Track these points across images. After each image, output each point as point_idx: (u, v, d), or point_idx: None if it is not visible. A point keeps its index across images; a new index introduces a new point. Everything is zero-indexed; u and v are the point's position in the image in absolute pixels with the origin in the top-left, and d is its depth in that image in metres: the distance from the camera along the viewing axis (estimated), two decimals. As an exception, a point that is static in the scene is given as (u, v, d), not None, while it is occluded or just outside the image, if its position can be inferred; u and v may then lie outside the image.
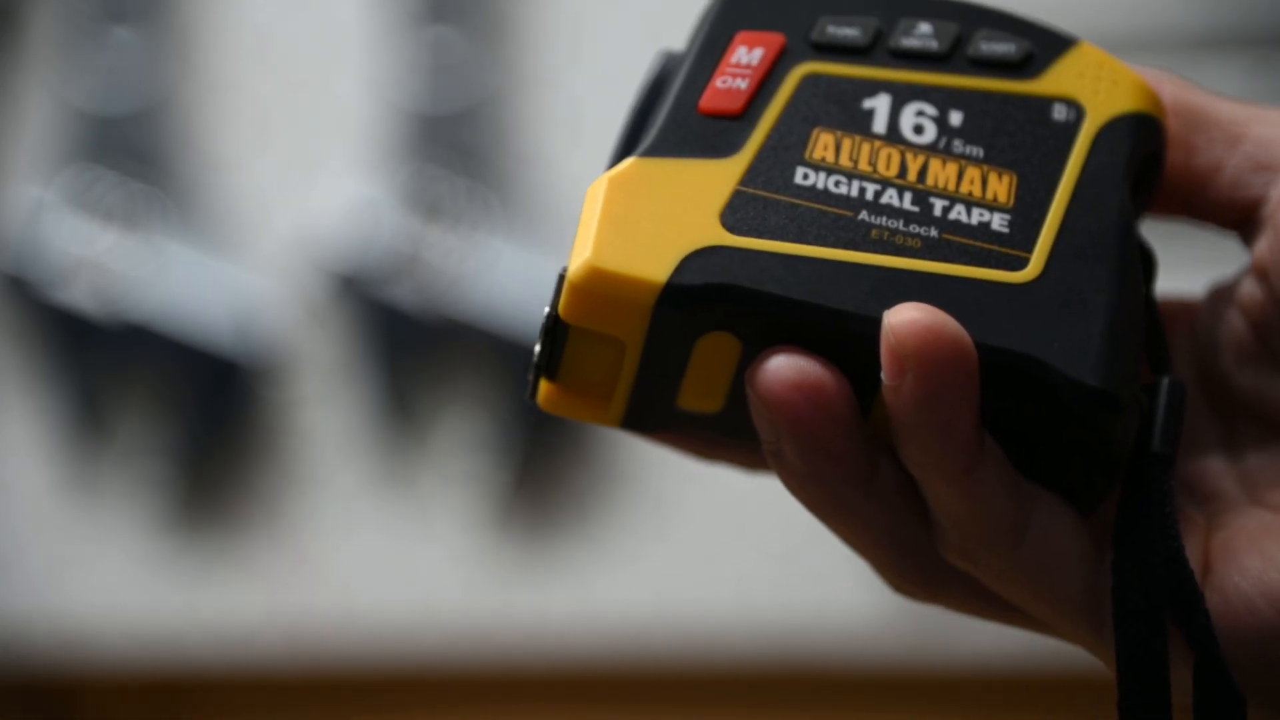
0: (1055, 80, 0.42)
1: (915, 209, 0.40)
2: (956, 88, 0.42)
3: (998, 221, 0.41)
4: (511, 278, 1.08)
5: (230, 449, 1.11)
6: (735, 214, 0.40)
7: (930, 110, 0.42)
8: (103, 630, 1.11)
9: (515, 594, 1.10)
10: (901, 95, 0.42)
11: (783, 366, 0.38)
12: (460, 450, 1.11)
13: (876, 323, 0.38)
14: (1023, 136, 0.41)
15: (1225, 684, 0.38)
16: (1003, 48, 0.42)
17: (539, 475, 1.10)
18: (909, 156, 0.41)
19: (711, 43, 0.42)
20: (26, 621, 1.11)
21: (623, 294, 0.39)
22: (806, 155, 0.41)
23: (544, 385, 0.41)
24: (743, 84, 0.41)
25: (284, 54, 1.14)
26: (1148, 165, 0.43)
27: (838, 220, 0.40)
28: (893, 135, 0.41)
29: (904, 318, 0.37)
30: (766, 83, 0.41)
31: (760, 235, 0.39)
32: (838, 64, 0.42)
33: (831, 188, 0.40)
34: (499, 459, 1.09)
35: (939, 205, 0.41)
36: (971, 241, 0.40)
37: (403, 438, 1.10)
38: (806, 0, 0.42)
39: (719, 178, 0.40)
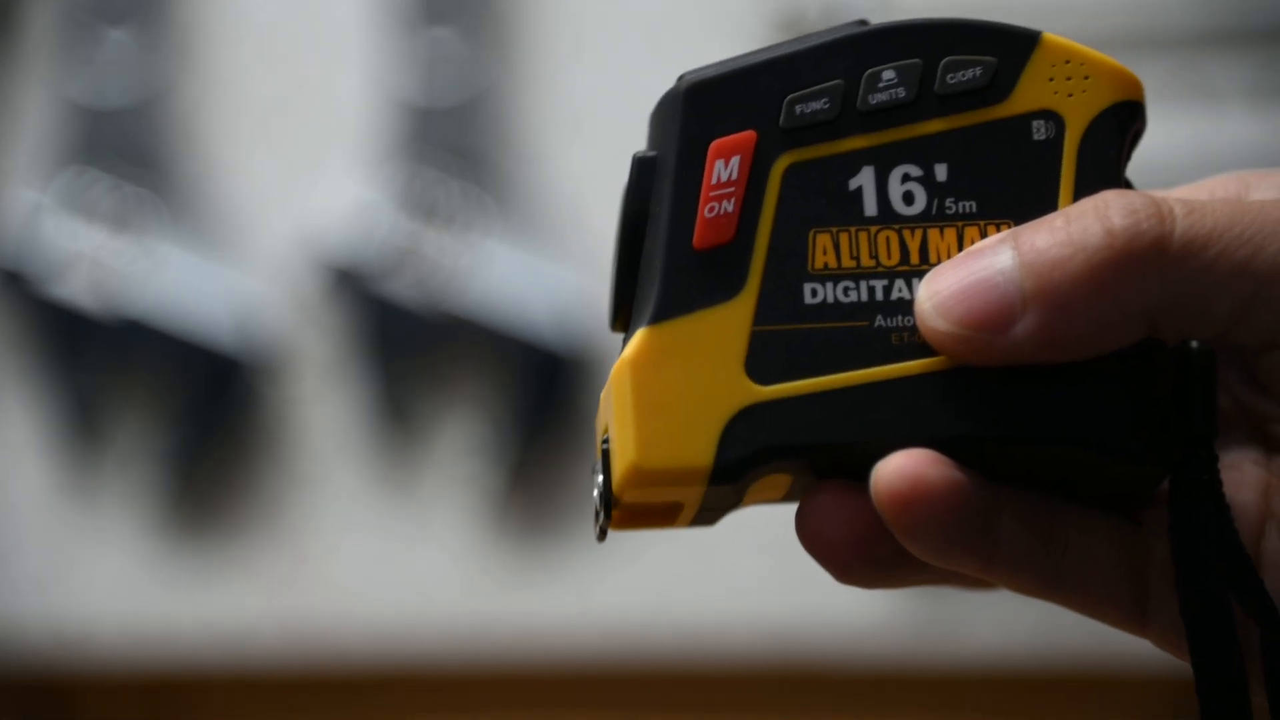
0: (1026, 93, 0.42)
1: None
2: (934, 134, 0.41)
3: None
4: (512, 277, 1.08)
5: (227, 448, 1.11)
6: (758, 361, 0.40)
7: (914, 171, 0.41)
8: (101, 630, 1.11)
9: (514, 594, 1.10)
10: (883, 162, 0.41)
11: (828, 512, 0.41)
12: (458, 450, 1.11)
13: (913, 440, 0.39)
14: (1009, 170, 0.41)
15: None
16: (968, 75, 0.41)
17: (537, 475, 1.10)
18: (907, 236, 0.41)
19: (686, 162, 0.41)
20: (25, 622, 1.11)
21: (673, 481, 0.40)
22: (809, 267, 0.41)
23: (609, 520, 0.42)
24: (729, 205, 0.41)
25: (283, 54, 1.13)
26: (1132, 145, 0.43)
27: (857, 334, 0.40)
28: (885, 214, 0.41)
29: (886, 475, 0.39)
30: (750, 193, 0.41)
31: (788, 378, 0.40)
32: (813, 145, 0.41)
33: (842, 298, 0.41)
34: (497, 459, 1.09)
35: None
36: None
37: (400, 438, 1.10)
38: (767, 81, 0.41)
39: (733, 324, 0.40)
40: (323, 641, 1.10)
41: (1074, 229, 0.39)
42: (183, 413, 1.10)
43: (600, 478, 0.41)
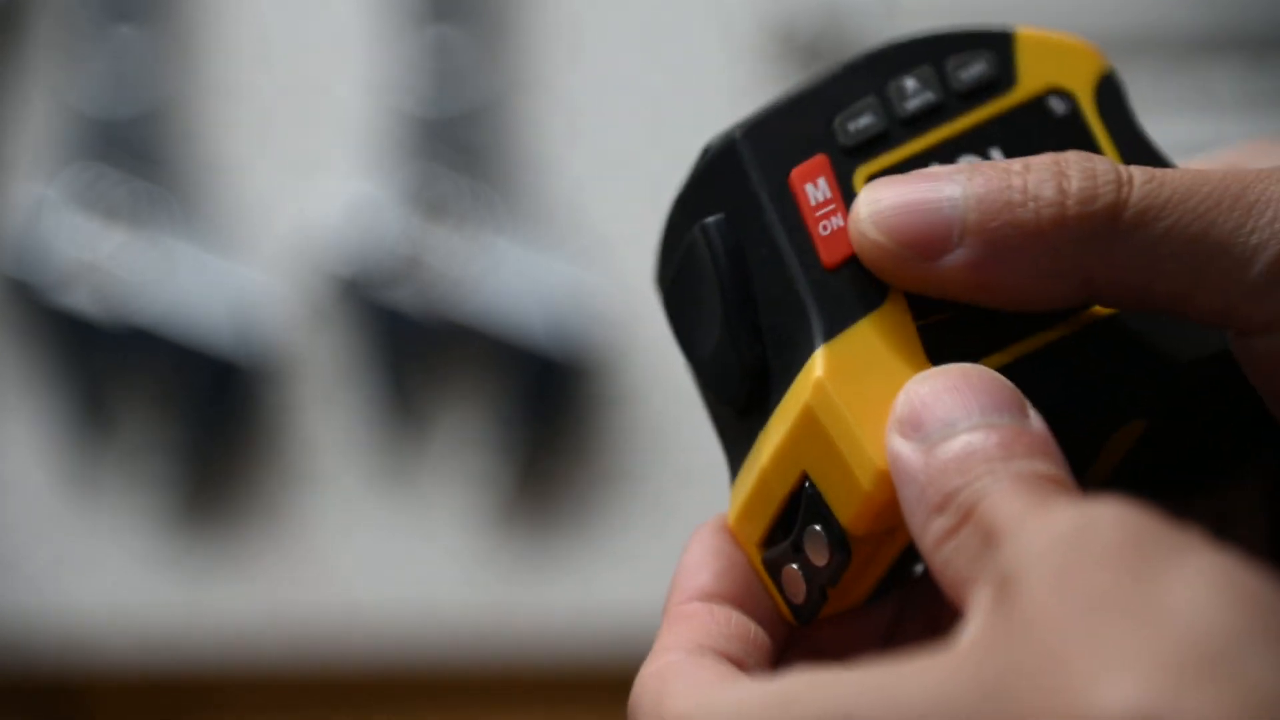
0: (1029, 77, 0.43)
1: None
2: (976, 125, 0.42)
3: None
4: (514, 278, 1.08)
5: (233, 450, 1.11)
6: (937, 350, 0.39)
7: (975, 159, 0.42)
8: (105, 630, 1.11)
9: (517, 594, 1.10)
10: (946, 157, 0.42)
11: None
12: (462, 450, 1.11)
13: (1087, 401, 0.39)
14: (1051, 145, 0.41)
15: None
16: (977, 69, 0.42)
17: (540, 475, 1.10)
18: None
19: (775, 196, 0.41)
20: (29, 621, 1.11)
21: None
22: None
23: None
24: (838, 220, 0.40)
25: (286, 55, 1.14)
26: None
27: (992, 312, 0.40)
28: None
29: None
30: (850, 206, 0.41)
31: (969, 360, 0.39)
32: (880, 156, 0.42)
33: None
34: (500, 459, 1.10)
35: None
36: None
37: (405, 437, 1.11)
38: (809, 112, 0.42)
39: (898, 323, 0.40)
40: (327, 640, 1.10)
41: (1030, 178, 0.38)
42: (187, 414, 1.10)
43: (806, 538, 0.39)
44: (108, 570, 1.11)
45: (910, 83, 0.42)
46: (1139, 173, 0.38)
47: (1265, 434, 0.41)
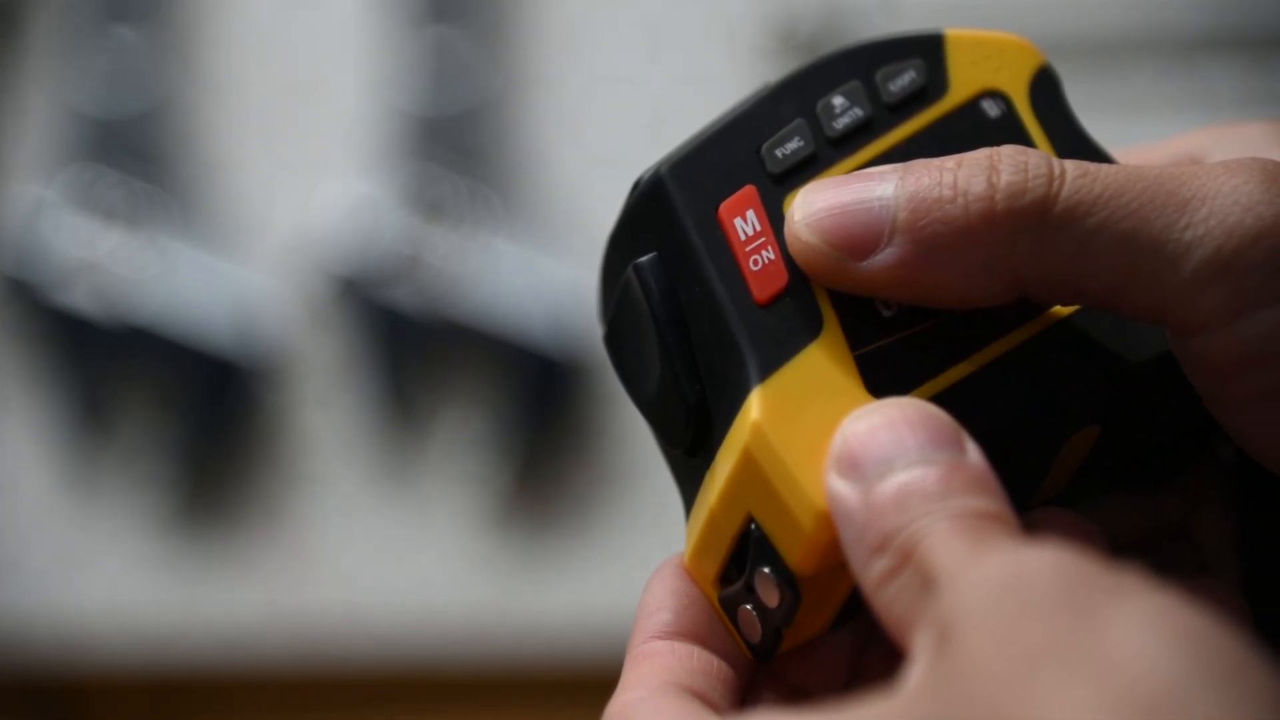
0: (962, 81, 0.42)
1: None
2: (908, 138, 0.41)
3: None
4: (513, 278, 1.08)
5: (232, 449, 1.11)
6: (876, 381, 0.39)
7: None
8: (105, 630, 1.11)
9: (516, 594, 1.10)
10: None
11: None
12: (461, 450, 1.11)
13: (1035, 416, 0.39)
14: (985, 146, 0.41)
15: None
16: (906, 79, 0.42)
17: (540, 474, 1.10)
18: None
19: (704, 233, 0.40)
20: (29, 621, 1.11)
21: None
22: None
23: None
24: (769, 253, 0.40)
25: (285, 55, 1.14)
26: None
27: (945, 326, 0.40)
28: None
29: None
30: (781, 239, 0.40)
31: (911, 387, 0.39)
32: (809, 180, 0.41)
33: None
34: (499, 458, 1.10)
35: None
36: None
37: (404, 437, 1.11)
38: (735, 142, 0.41)
39: (835, 355, 0.39)
40: (326, 641, 1.10)
41: (961, 174, 0.38)
42: (186, 414, 1.10)
43: (756, 580, 0.39)
44: (107, 570, 1.12)
45: (838, 100, 0.41)
46: (1072, 167, 0.38)
47: (1216, 428, 0.41)
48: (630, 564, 1.09)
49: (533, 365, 1.08)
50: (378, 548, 1.11)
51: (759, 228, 0.40)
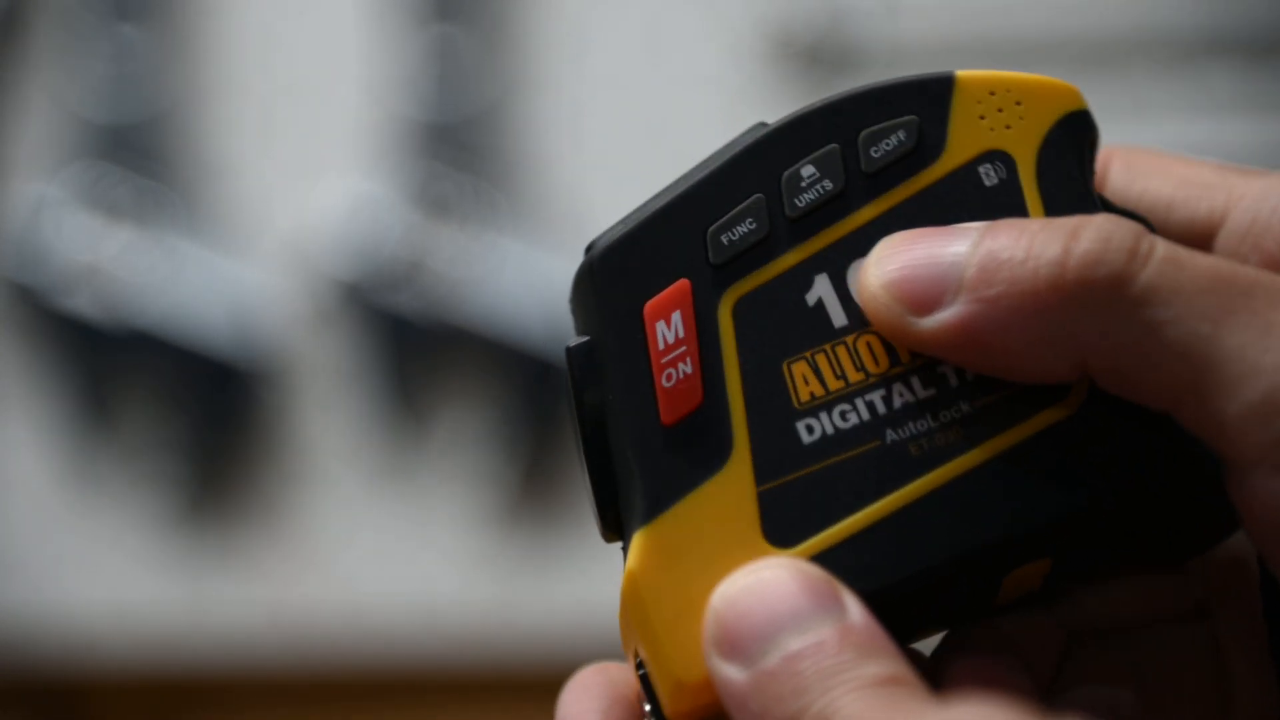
0: (961, 141, 0.37)
1: (930, 393, 0.36)
2: (880, 215, 0.37)
3: None
4: (516, 278, 1.08)
5: (234, 451, 1.11)
6: (775, 523, 0.35)
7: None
8: (106, 630, 1.11)
9: (517, 594, 1.10)
10: (835, 265, 0.37)
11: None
12: (463, 450, 1.11)
13: (967, 557, 0.35)
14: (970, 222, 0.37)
15: None
16: (892, 142, 0.37)
17: (541, 475, 1.10)
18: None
19: (624, 335, 0.37)
20: (30, 621, 1.11)
21: (717, 692, 0.35)
22: (796, 404, 0.36)
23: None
24: (686, 367, 0.36)
25: (288, 55, 1.14)
26: (1092, 156, 0.39)
27: (871, 458, 0.36)
28: (857, 319, 0.36)
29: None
30: (705, 347, 0.36)
31: (812, 532, 0.35)
32: (755, 272, 0.37)
33: (841, 424, 0.36)
34: (501, 459, 1.10)
35: (948, 373, 0.36)
36: (1001, 394, 0.36)
37: (406, 438, 1.11)
38: (681, 221, 0.37)
39: (734, 493, 0.35)
40: (329, 640, 1.10)
41: (1040, 237, 0.35)
42: (189, 416, 1.10)
43: (647, 706, 0.36)
44: (109, 571, 1.12)
45: (808, 171, 0.37)
46: (1163, 248, 0.34)
47: (1197, 539, 0.38)
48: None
49: (534, 366, 1.08)
50: (380, 548, 1.11)
51: (681, 335, 0.36)
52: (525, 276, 1.08)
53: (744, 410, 0.36)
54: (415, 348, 1.10)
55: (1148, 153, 0.41)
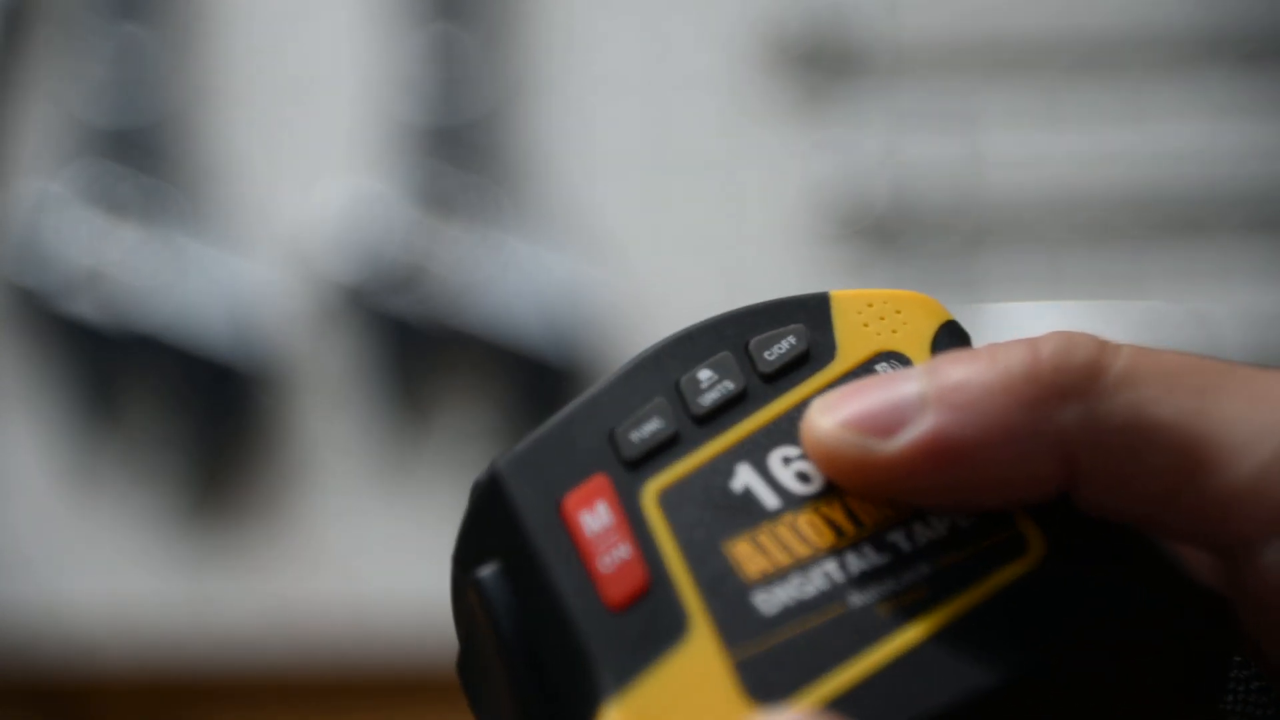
0: (853, 343, 0.37)
1: (887, 558, 0.35)
2: (788, 410, 0.36)
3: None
4: (519, 279, 1.09)
5: (237, 453, 1.11)
6: (758, 686, 0.34)
7: (792, 451, 0.36)
8: (107, 630, 1.11)
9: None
10: (755, 455, 0.36)
11: None
12: (465, 452, 1.11)
13: (950, 710, 0.33)
14: None
15: None
16: (784, 346, 0.37)
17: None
18: (826, 510, 0.35)
19: (546, 532, 0.35)
20: (30, 621, 1.12)
21: None
22: (746, 580, 0.35)
23: None
24: (624, 550, 0.35)
25: (291, 54, 1.14)
26: None
27: (841, 622, 0.34)
28: (790, 501, 0.36)
29: None
30: (637, 532, 0.35)
31: (798, 689, 0.34)
32: (671, 465, 0.36)
33: (801, 594, 0.35)
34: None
35: (899, 539, 0.35)
36: (961, 551, 0.35)
37: (409, 438, 1.11)
38: (584, 427, 0.37)
39: (704, 658, 0.34)
40: (331, 640, 1.11)
41: (1000, 351, 0.33)
42: (191, 417, 1.10)
43: None
44: (111, 571, 1.12)
45: (704, 374, 0.37)
46: (1129, 345, 0.33)
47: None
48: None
49: (536, 369, 1.08)
50: (381, 548, 1.11)
51: (609, 522, 0.35)
52: (527, 274, 1.08)
53: (695, 589, 0.34)
54: (417, 348, 1.10)
55: None
